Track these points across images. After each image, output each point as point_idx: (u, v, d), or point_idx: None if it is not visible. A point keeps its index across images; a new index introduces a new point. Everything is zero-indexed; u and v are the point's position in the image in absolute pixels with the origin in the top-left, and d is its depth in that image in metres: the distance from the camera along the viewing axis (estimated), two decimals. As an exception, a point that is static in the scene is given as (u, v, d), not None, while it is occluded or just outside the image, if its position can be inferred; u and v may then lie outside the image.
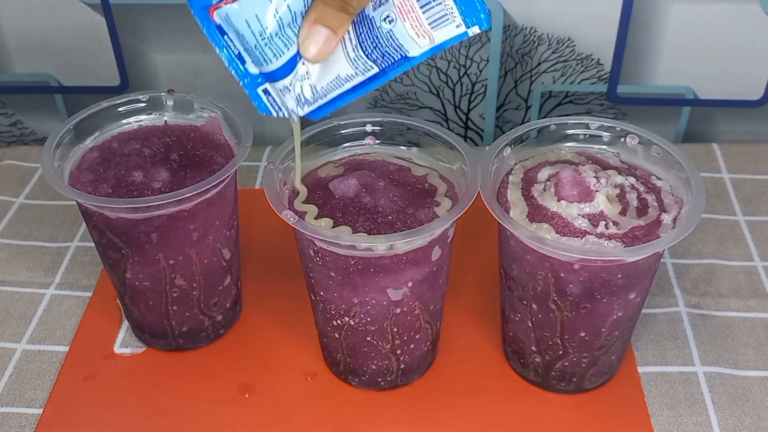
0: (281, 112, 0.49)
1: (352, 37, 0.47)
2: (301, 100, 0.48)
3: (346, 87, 0.48)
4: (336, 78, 0.48)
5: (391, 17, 0.46)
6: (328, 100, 0.49)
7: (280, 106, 0.49)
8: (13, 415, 0.60)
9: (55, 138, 0.59)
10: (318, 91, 0.48)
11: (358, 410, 0.61)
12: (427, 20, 0.46)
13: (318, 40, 0.45)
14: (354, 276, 0.53)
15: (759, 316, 0.67)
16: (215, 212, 0.59)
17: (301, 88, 0.47)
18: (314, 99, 0.48)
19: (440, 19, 0.46)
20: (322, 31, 0.45)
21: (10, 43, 0.85)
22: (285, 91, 0.48)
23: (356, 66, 0.47)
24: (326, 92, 0.48)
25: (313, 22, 0.45)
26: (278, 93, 0.48)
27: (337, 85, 0.48)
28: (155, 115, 0.64)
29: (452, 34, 0.47)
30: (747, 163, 0.83)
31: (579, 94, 0.87)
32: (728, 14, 0.80)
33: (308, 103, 0.48)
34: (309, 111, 0.49)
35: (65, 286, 0.71)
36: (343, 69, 0.47)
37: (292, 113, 0.49)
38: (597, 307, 0.54)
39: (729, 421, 0.59)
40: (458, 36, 0.46)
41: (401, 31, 0.47)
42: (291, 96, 0.48)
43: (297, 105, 0.48)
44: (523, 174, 0.58)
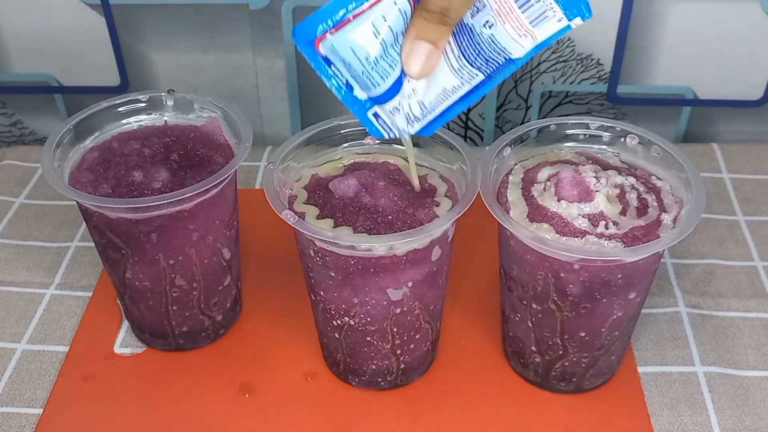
0: (392, 132, 0.49)
1: (454, 48, 0.46)
2: (411, 117, 0.48)
3: (453, 98, 0.48)
4: (443, 91, 0.47)
5: (491, 22, 0.46)
6: (437, 115, 0.48)
7: (390, 127, 0.49)
8: (13, 415, 0.60)
9: (55, 138, 0.59)
10: (426, 107, 0.48)
11: (358, 410, 0.61)
12: (527, 19, 0.46)
13: (420, 56, 0.45)
14: (354, 276, 0.53)
15: (759, 316, 0.67)
16: (215, 212, 0.59)
17: (409, 106, 0.47)
18: (423, 115, 0.48)
19: (540, 16, 0.46)
20: (424, 46, 0.45)
21: (10, 43, 0.85)
22: (395, 112, 0.48)
23: (461, 76, 0.47)
24: (434, 106, 0.48)
25: (414, 38, 0.45)
26: (388, 115, 0.48)
27: (444, 98, 0.48)
28: (155, 115, 0.64)
29: (555, 29, 0.46)
30: (747, 163, 0.83)
31: (579, 94, 0.87)
32: (728, 14, 0.80)
33: (418, 120, 0.48)
34: (420, 128, 0.49)
35: (65, 286, 0.71)
36: (449, 81, 0.47)
37: (403, 132, 0.49)
38: (597, 307, 0.54)
39: (729, 421, 0.59)
40: (561, 30, 0.46)
41: (502, 34, 0.46)
42: (401, 116, 0.48)
43: (407, 123, 0.48)
44: (523, 174, 0.58)
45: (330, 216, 0.54)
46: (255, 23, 0.83)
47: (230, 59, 0.85)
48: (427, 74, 0.46)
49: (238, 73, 0.86)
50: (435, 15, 0.45)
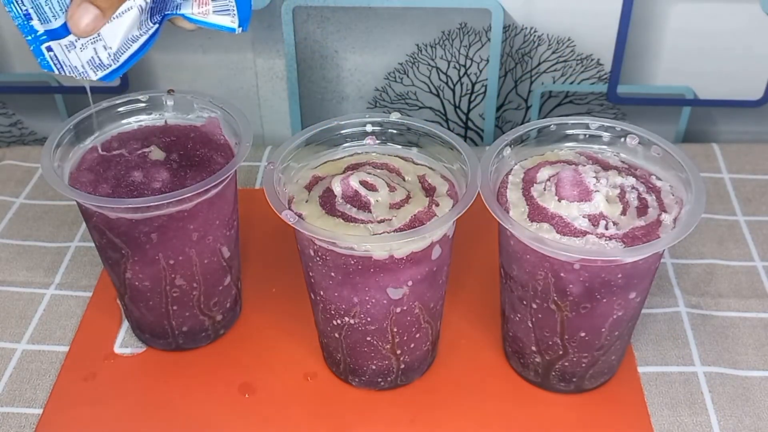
0: (64, 70, 0.50)
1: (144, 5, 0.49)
2: (95, 63, 0.50)
3: (133, 48, 0.50)
4: (124, 40, 0.50)
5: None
6: (120, 64, 0.51)
7: (62, 64, 0.50)
8: (13, 415, 0.60)
9: (55, 138, 0.59)
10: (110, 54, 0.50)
11: (358, 410, 0.61)
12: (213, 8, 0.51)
13: (85, 17, 0.47)
14: (354, 275, 0.53)
15: (759, 316, 0.67)
16: (215, 212, 0.59)
17: (95, 50, 0.49)
18: (109, 64, 0.50)
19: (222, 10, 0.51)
20: (91, 10, 0.47)
21: (10, 43, 0.85)
22: (70, 48, 0.49)
23: (141, 28, 0.50)
24: (118, 56, 0.50)
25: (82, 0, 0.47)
26: (63, 50, 0.50)
27: (125, 48, 0.50)
28: (155, 115, 0.64)
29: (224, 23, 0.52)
30: (747, 163, 0.83)
31: (579, 94, 0.87)
32: (728, 14, 0.80)
33: (102, 68, 0.50)
34: (102, 75, 0.51)
35: (65, 286, 0.71)
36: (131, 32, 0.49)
37: (80, 74, 0.50)
38: (597, 307, 0.54)
39: (729, 421, 0.59)
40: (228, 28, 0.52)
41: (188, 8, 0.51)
42: (75, 54, 0.50)
43: (91, 69, 0.50)
44: (523, 174, 0.58)
45: (330, 215, 0.54)
46: (255, 23, 0.83)
47: (230, 59, 0.85)
48: (87, 35, 0.48)
49: (238, 73, 0.86)
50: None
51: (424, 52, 0.84)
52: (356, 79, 0.86)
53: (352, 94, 0.88)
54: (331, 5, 0.81)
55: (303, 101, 0.88)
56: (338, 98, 0.88)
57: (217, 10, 0.51)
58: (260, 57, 0.85)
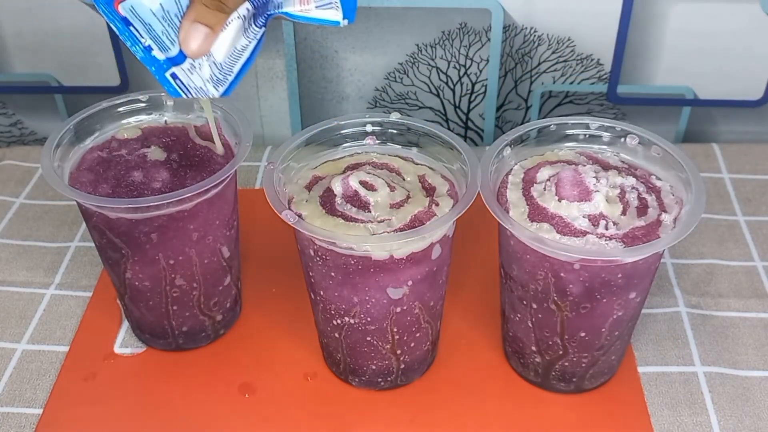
0: (190, 93, 0.51)
1: (247, 12, 0.49)
2: (215, 79, 0.51)
3: (245, 57, 0.51)
4: (234, 52, 0.50)
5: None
6: (235, 75, 0.51)
7: (188, 87, 0.51)
8: (13, 415, 0.60)
9: (55, 138, 0.59)
10: (223, 68, 0.50)
11: (358, 410, 0.61)
12: (315, 3, 0.50)
13: (197, 38, 0.48)
14: (354, 275, 0.53)
15: (759, 316, 0.67)
16: (215, 212, 0.59)
17: (210, 67, 0.50)
18: (224, 76, 0.51)
19: (325, 4, 0.50)
20: (201, 29, 0.48)
21: (10, 43, 0.85)
22: (192, 70, 0.50)
23: (248, 36, 0.50)
24: (230, 67, 0.51)
25: (193, 21, 0.48)
26: (185, 74, 0.50)
27: (236, 58, 0.50)
28: (155, 115, 0.64)
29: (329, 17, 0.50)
30: (747, 163, 0.83)
31: (579, 94, 0.87)
32: (728, 14, 0.80)
33: (222, 83, 0.51)
34: (223, 90, 0.51)
35: (65, 286, 0.71)
36: (239, 42, 0.50)
37: (204, 93, 0.51)
38: (597, 307, 0.54)
39: (729, 421, 0.59)
40: (333, 21, 0.50)
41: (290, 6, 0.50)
42: (197, 75, 0.50)
43: (212, 86, 0.51)
44: (523, 174, 0.58)
45: (330, 215, 0.54)
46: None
47: (230, 59, 0.85)
48: (202, 55, 0.49)
49: (238, 73, 0.86)
50: (214, 2, 0.48)
51: (424, 52, 0.84)
52: (356, 79, 0.86)
53: (352, 94, 0.88)
54: (331, 5, 0.81)
55: (303, 101, 0.88)
56: (338, 98, 0.88)
57: (319, 5, 0.50)
58: (260, 57, 0.85)
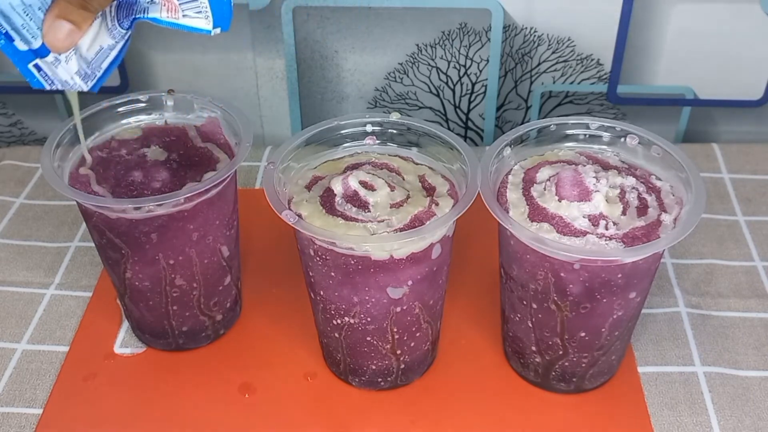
0: (54, 85, 0.51)
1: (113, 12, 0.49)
2: (82, 74, 0.51)
3: (112, 56, 0.51)
4: (100, 49, 0.50)
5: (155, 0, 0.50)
6: (104, 71, 0.51)
7: (53, 79, 0.51)
8: (13, 415, 0.60)
9: (55, 138, 0.59)
10: (92, 64, 0.51)
11: (358, 410, 0.61)
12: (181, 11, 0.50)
13: (59, 33, 0.47)
14: (354, 275, 0.53)
15: (759, 316, 0.67)
16: (215, 212, 0.59)
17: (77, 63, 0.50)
18: (92, 72, 0.51)
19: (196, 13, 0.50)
20: (65, 25, 0.47)
21: (10, 43, 0.85)
22: (55, 64, 0.50)
23: (114, 36, 0.50)
24: (99, 63, 0.51)
25: (56, 16, 0.47)
26: (49, 66, 0.50)
27: (104, 56, 0.51)
28: (155, 115, 0.64)
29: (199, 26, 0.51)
30: (747, 163, 0.83)
31: (579, 94, 0.87)
32: (728, 14, 0.80)
33: (90, 77, 0.51)
34: (92, 84, 0.52)
35: (65, 286, 0.71)
36: (105, 40, 0.50)
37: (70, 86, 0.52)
38: (597, 307, 0.54)
39: (729, 421, 0.59)
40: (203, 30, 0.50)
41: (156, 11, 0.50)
42: (63, 68, 0.50)
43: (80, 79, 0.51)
44: (523, 174, 0.58)
45: (330, 215, 0.54)
46: (255, 23, 0.83)
47: (230, 59, 0.85)
48: (65, 50, 0.48)
49: (238, 73, 0.86)
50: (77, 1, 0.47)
51: (424, 52, 0.84)
52: (356, 79, 0.86)
53: (352, 94, 0.88)
54: (331, 5, 0.81)
55: (303, 101, 0.88)
56: (338, 98, 0.88)
57: (187, 14, 0.50)
58: (260, 57, 0.85)
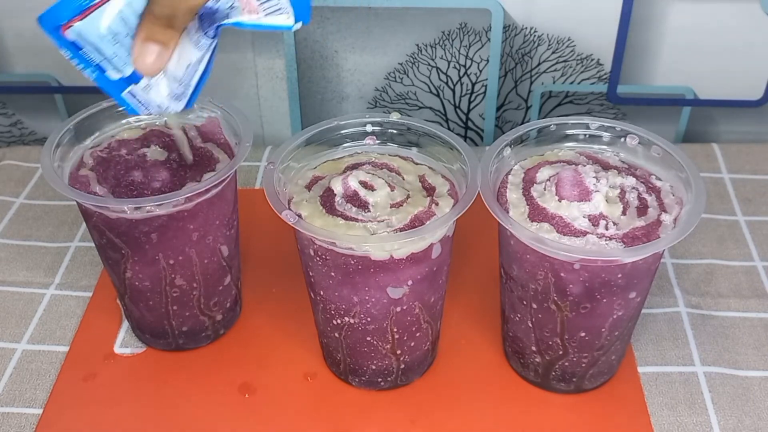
0: (149, 110, 0.52)
1: (196, 24, 0.49)
2: (175, 95, 0.51)
3: (201, 69, 0.51)
4: (189, 65, 0.50)
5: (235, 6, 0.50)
6: (194, 87, 0.52)
7: (146, 105, 0.52)
8: (13, 415, 0.60)
9: (55, 138, 0.59)
10: (183, 82, 0.51)
11: (358, 410, 0.61)
12: (264, 12, 0.50)
13: (150, 56, 0.48)
14: (354, 275, 0.53)
15: (759, 316, 0.67)
16: (215, 212, 0.59)
17: (167, 85, 0.50)
18: (184, 91, 0.51)
19: (275, 11, 0.50)
20: (153, 48, 0.48)
21: (10, 43, 0.85)
22: (147, 90, 0.51)
23: (200, 47, 0.50)
24: (189, 80, 0.51)
25: (143, 40, 0.48)
26: (141, 92, 0.51)
27: (193, 71, 0.51)
28: (155, 115, 0.64)
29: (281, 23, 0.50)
30: (747, 163, 0.83)
31: (579, 94, 0.87)
32: (728, 14, 0.80)
33: (183, 96, 0.51)
34: (186, 103, 0.52)
35: (65, 286, 0.71)
36: (193, 55, 0.50)
37: (164, 109, 0.52)
38: (597, 307, 0.54)
39: (729, 421, 0.59)
40: (286, 27, 0.50)
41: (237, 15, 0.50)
42: (156, 92, 0.51)
43: (174, 101, 0.51)
44: (523, 174, 0.58)
45: (330, 215, 0.54)
46: (255, 23, 0.83)
47: (230, 59, 0.85)
48: (156, 72, 0.49)
49: (238, 73, 0.86)
50: (163, 20, 0.48)
51: (424, 52, 0.84)
52: (356, 79, 0.86)
53: (352, 94, 0.88)
54: (331, 5, 0.81)
55: (303, 101, 0.88)
56: (338, 98, 0.88)
57: (269, 12, 0.50)
58: (260, 57, 0.85)
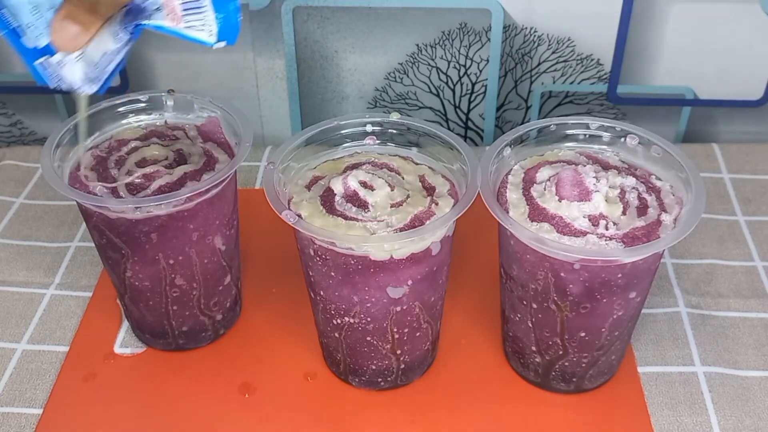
0: (59, 85, 0.52)
1: (120, 19, 0.50)
2: (89, 77, 0.51)
3: (117, 59, 0.51)
4: (105, 53, 0.50)
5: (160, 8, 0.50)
6: (109, 74, 0.52)
7: (58, 79, 0.52)
8: (13, 415, 0.60)
9: (55, 138, 0.59)
10: (99, 67, 0.51)
11: (358, 410, 0.61)
12: (185, 24, 0.50)
13: (66, 34, 0.48)
14: (353, 275, 0.53)
15: (759, 316, 0.67)
16: (215, 212, 0.59)
17: (82, 66, 0.50)
18: (98, 75, 0.51)
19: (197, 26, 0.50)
20: (71, 27, 0.48)
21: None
22: (61, 65, 0.51)
23: (117, 39, 0.50)
24: (104, 66, 0.51)
25: (63, 17, 0.47)
26: (54, 67, 0.51)
27: (110, 59, 0.51)
28: (155, 115, 0.64)
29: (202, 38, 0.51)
30: (747, 163, 0.83)
31: (579, 94, 0.87)
32: (728, 14, 0.80)
33: (96, 81, 0.52)
34: (98, 88, 0.52)
35: (65, 286, 0.71)
36: (110, 45, 0.50)
37: (80, 88, 0.52)
38: (597, 307, 0.54)
39: (729, 421, 0.59)
40: (205, 42, 0.50)
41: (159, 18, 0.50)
42: (69, 70, 0.51)
43: (86, 83, 0.51)
44: (523, 174, 0.58)
45: (330, 215, 0.54)
46: (255, 23, 0.83)
47: (230, 59, 0.85)
48: (73, 50, 0.49)
49: (238, 73, 0.86)
50: (86, 4, 0.47)
51: (424, 52, 0.84)
52: (356, 79, 0.86)
53: (352, 94, 0.88)
54: (331, 5, 0.81)
55: (303, 101, 0.88)
56: (338, 98, 0.88)
57: (188, 26, 0.50)
58: (260, 57, 0.85)
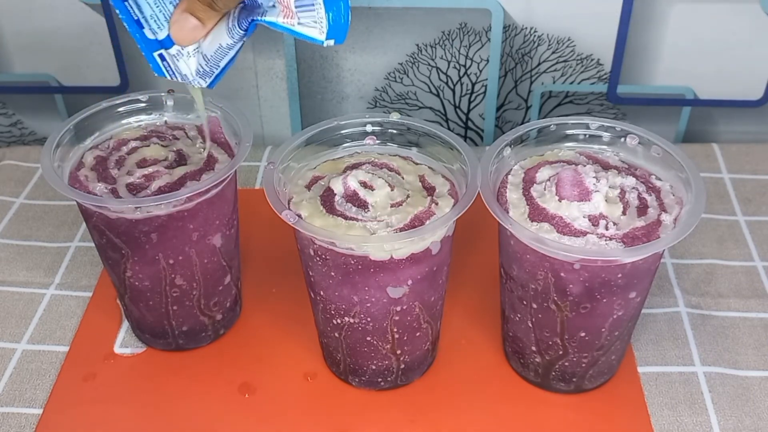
0: (175, 76, 0.53)
1: (236, 15, 0.50)
2: (201, 72, 0.52)
3: (230, 55, 0.52)
4: (219, 47, 0.51)
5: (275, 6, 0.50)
6: (221, 69, 0.53)
7: (174, 71, 0.53)
8: (13, 415, 0.60)
9: (55, 138, 0.59)
10: (210, 61, 0.52)
11: (358, 410, 0.61)
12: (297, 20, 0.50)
13: (184, 27, 0.50)
14: (353, 275, 0.53)
15: (759, 316, 0.67)
16: (215, 212, 0.59)
17: (198, 59, 0.52)
18: (210, 69, 0.52)
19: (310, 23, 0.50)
20: (191, 20, 0.49)
21: (10, 43, 0.85)
22: (177, 58, 0.52)
23: (232, 36, 0.51)
24: (217, 62, 0.52)
25: (183, 10, 0.49)
26: (172, 59, 0.52)
27: (223, 54, 0.52)
28: (155, 115, 0.64)
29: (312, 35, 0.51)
30: (747, 163, 0.83)
31: (579, 94, 0.87)
32: (728, 14, 0.80)
33: (208, 75, 0.53)
34: (210, 82, 0.53)
35: (65, 286, 0.71)
36: (225, 40, 0.51)
37: (192, 81, 0.53)
38: (597, 307, 0.54)
39: (729, 421, 0.59)
40: (316, 39, 0.51)
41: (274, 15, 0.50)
42: (184, 63, 0.52)
43: (198, 76, 0.53)
44: (523, 174, 0.58)
45: (330, 215, 0.54)
46: (255, 23, 0.83)
47: (230, 59, 0.85)
48: (188, 44, 0.51)
49: (238, 73, 0.86)
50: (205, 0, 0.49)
51: (424, 52, 0.84)
52: (356, 79, 0.86)
53: (352, 94, 0.88)
54: (331, 5, 0.81)
55: (303, 101, 0.88)
56: (338, 98, 0.88)
57: (302, 22, 0.50)
58: (260, 57, 0.85)
